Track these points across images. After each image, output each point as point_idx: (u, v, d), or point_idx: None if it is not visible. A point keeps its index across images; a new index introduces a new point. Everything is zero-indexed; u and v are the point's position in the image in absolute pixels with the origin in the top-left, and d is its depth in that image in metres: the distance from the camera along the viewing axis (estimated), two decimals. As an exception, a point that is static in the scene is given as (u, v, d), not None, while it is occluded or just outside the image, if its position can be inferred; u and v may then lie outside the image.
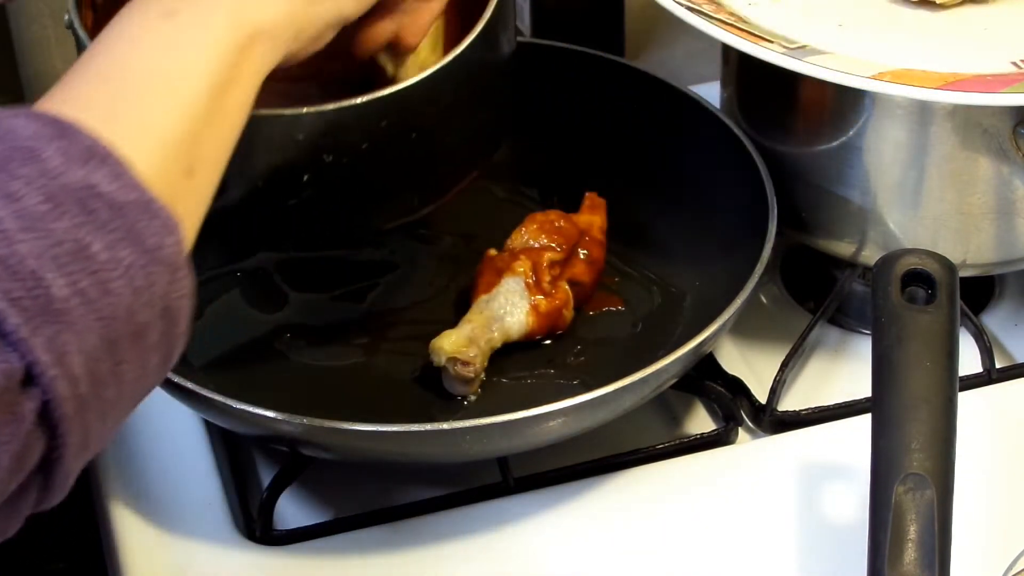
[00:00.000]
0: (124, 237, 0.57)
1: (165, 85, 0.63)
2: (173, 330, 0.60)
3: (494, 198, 1.06)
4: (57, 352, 0.54)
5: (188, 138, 0.62)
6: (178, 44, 0.64)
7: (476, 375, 0.88)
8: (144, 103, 0.62)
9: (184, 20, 0.65)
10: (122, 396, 0.58)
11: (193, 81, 0.63)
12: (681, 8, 0.89)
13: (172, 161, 0.61)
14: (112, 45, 0.64)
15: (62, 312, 0.54)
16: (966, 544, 0.74)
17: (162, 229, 0.58)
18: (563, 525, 0.85)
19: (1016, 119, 0.86)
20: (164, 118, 0.62)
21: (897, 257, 0.77)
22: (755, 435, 0.92)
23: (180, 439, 0.91)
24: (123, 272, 0.56)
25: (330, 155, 0.77)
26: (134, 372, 0.58)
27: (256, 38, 0.67)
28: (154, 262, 0.57)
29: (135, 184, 0.58)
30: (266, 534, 0.84)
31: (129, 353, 0.57)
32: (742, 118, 0.98)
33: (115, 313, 0.56)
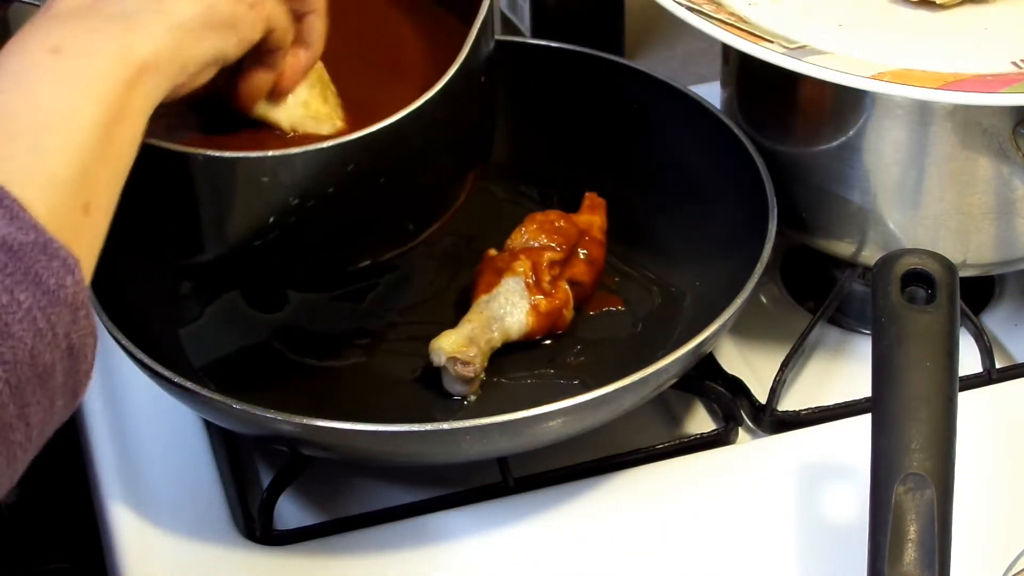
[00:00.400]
0: (23, 280, 0.56)
1: (55, 123, 0.62)
2: (78, 368, 0.59)
3: (494, 198, 1.06)
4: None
5: (81, 176, 0.62)
6: (65, 80, 0.63)
7: (476, 375, 0.88)
8: (35, 143, 0.61)
9: (70, 56, 0.64)
10: (29, 439, 0.57)
11: (83, 118, 0.63)
12: (681, 8, 0.89)
13: (67, 200, 0.61)
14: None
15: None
16: (966, 544, 0.74)
17: (61, 269, 0.58)
18: (563, 525, 0.85)
19: (1016, 119, 0.86)
20: (56, 157, 0.61)
21: (897, 257, 0.77)
22: (755, 435, 0.92)
23: (180, 439, 0.91)
24: (23, 315, 0.56)
25: (296, 198, 0.77)
26: (39, 414, 0.57)
27: (143, 72, 0.66)
28: (55, 303, 0.57)
29: (32, 225, 0.57)
30: (266, 534, 0.84)
31: (34, 396, 0.57)
32: (742, 118, 0.98)
33: (17, 357, 0.55)
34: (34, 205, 0.59)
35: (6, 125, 0.61)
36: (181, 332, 0.93)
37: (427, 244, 1.00)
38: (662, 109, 1.02)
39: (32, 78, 0.63)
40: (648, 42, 1.28)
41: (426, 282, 0.98)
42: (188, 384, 0.81)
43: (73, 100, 0.63)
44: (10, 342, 0.55)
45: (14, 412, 0.56)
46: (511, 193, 1.06)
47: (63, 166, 0.61)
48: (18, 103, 0.62)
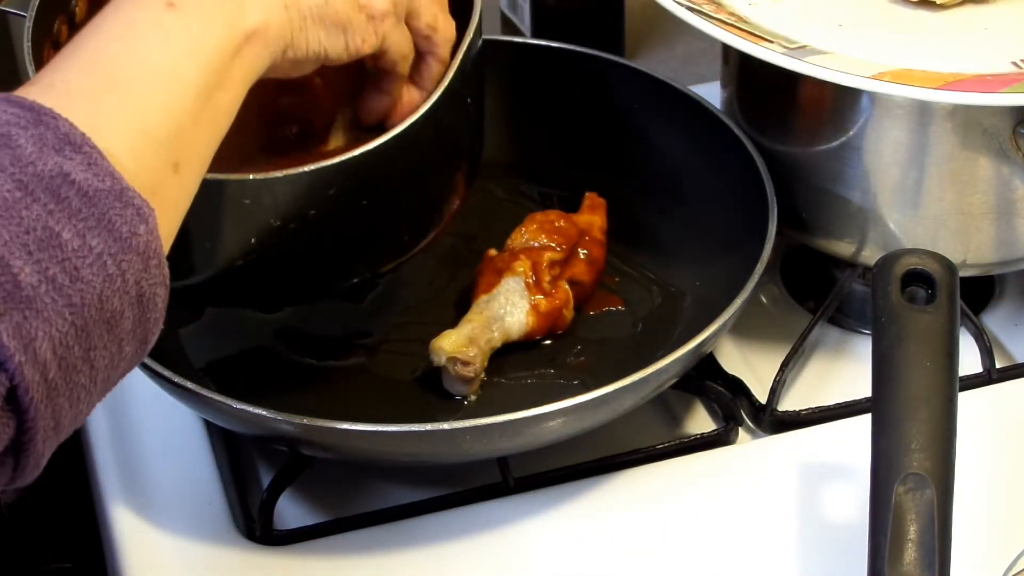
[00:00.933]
0: (95, 225, 0.57)
1: (157, 79, 0.63)
2: (147, 317, 0.60)
3: (494, 198, 1.06)
4: (25, 338, 0.54)
5: (174, 134, 0.62)
6: (176, 37, 0.64)
7: (476, 375, 0.88)
8: (133, 95, 0.62)
9: (184, 13, 0.65)
10: (95, 381, 0.58)
11: (186, 78, 0.63)
12: (681, 8, 0.89)
13: (156, 155, 0.62)
14: (109, 28, 0.64)
15: (30, 299, 0.54)
16: (966, 544, 0.74)
17: (135, 217, 0.58)
18: (563, 525, 0.85)
19: (1016, 119, 0.86)
20: (152, 112, 0.62)
21: (897, 257, 0.77)
22: (755, 435, 0.92)
23: (180, 439, 0.91)
24: (94, 260, 0.57)
25: (278, 220, 0.77)
26: (106, 358, 0.58)
27: (249, 41, 0.67)
28: (126, 250, 0.58)
29: (109, 172, 0.58)
30: (266, 534, 0.84)
31: (101, 340, 0.57)
32: (742, 118, 0.98)
33: (85, 300, 0.56)
34: (120, 156, 0.59)
35: (109, 73, 0.62)
36: (181, 332, 0.93)
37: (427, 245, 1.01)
38: (662, 109, 1.02)
39: (143, 29, 0.64)
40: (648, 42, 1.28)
41: (426, 282, 0.98)
42: (188, 384, 0.81)
43: (179, 59, 0.64)
44: (79, 285, 0.56)
45: (79, 354, 0.56)
46: (511, 193, 1.06)
47: (157, 124, 0.62)
48: (125, 54, 0.63)
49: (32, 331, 0.54)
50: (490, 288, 0.92)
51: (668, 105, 1.02)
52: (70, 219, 0.56)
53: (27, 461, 0.57)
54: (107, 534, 0.87)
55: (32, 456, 0.57)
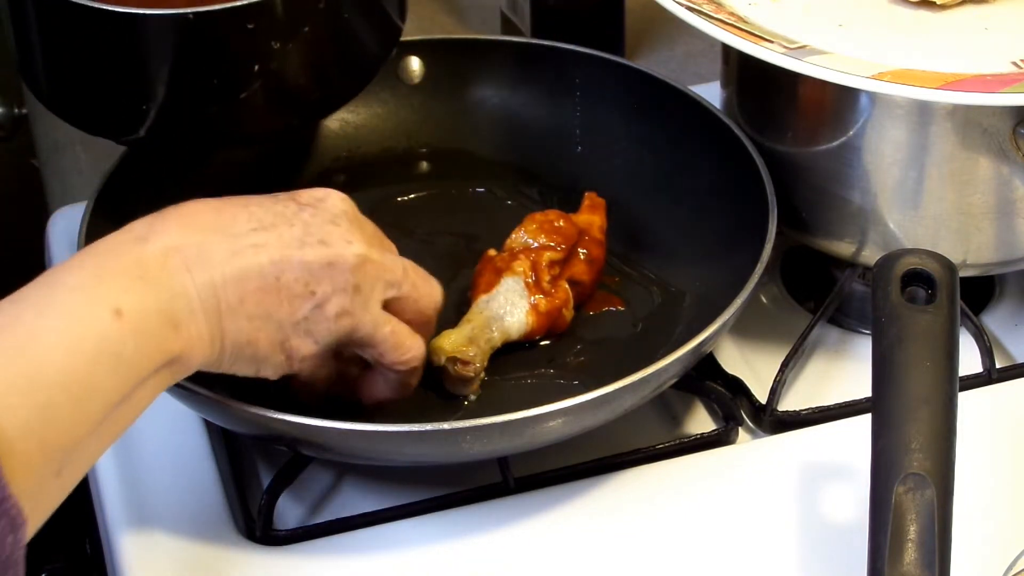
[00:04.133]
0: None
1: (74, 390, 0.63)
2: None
3: (494, 198, 1.06)
4: None
5: (71, 446, 0.63)
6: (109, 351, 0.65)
7: (476, 375, 0.88)
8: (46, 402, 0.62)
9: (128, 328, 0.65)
10: None
11: (102, 391, 0.64)
12: (681, 8, 0.89)
13: (46, 462, 0.62)
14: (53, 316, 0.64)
15: None
16: (966, 544, 0.74)
17: (8, 527, 0.59)
18: (563, 525, 0.85)
19: (1016, 119, 0.86)
20: (58, 422, 0.62)
21: (897, 257, 0.77)
22: (755, 435, 0.92)
23: (180, 439, 0.91)
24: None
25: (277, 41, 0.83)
26: None
27: (172, 365, 0.69)
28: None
29: None
30: (266, 534, 0.84)
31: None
32: (742, 118, 0.98)
33: None
34: (12, 457, 0.59)
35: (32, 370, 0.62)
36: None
37: (427, 244, 1.01)
38: (662, 109, 1.02)
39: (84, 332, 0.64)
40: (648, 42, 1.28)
41: (426, 282, 0.98)
42: (188, 384, 0.81)
43: (104, 372, 0.64)
44: None
45: None
46: (511, 193, 1.06)
47: (60, 433, 0.63)
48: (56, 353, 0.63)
49: None
50: (490, 288, 0.92)
51: (668, 105, 1.02)
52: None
53: None
54: (107, 534, 0.87)
55: None
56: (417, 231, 1.02)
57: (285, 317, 0.75)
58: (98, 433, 0.65)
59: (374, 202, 1.04)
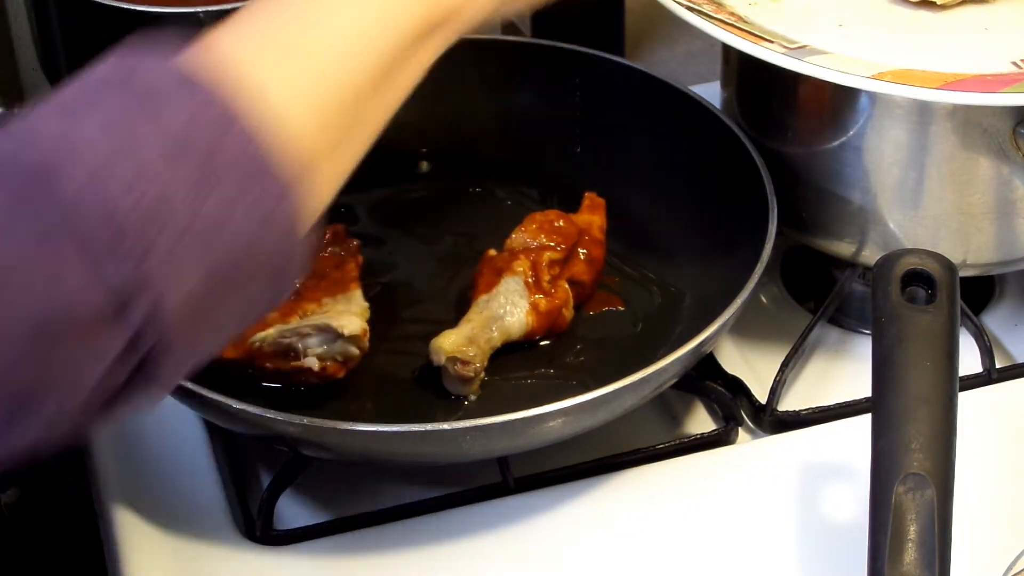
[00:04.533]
0: (242, 196, 0.57)
1: (343, 48, 0.62)
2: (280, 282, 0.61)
3: (494, 198, 1.06)
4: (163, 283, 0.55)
5: (351, 106, 0.62)
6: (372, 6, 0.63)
7: (476, 374, 0.88)
8: (315, 62, 0.61)
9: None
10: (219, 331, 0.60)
11: (376, 52, 0.62)
12: (681, 8, 0.89)
13: (325, 125, 0.61)
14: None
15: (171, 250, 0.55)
16: (966, 544, 0.74)
17: (283, 188, 0.58)
18: (563, 525, 0.85)
19: (1016, 119, 0.86)
20: (334, 83, 0.61)
21: (897, 257, 0.77)
22: (755, 435, 0.92)
23: (180, 439, 0.91)
24: (235, 229, 0.57)
25: None
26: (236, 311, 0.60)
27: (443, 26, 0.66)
28: (266, 224, 0.58)
29: (267, 144, 0.58)
30: (266, 534, 0.84)
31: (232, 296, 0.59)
32: (742, 118, 0.98)
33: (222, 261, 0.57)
34: (290, 121, 0.59)
35: (303, 34, 0.61)
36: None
37: (427, 244, 1.01)
38: (662, 109, 1.02)
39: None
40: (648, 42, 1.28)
41: (426, 282, 0.98)
42: (188, 384, 0.81)
43: (375, 31, 0.63)
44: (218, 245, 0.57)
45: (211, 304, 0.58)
46: (511, 193, 1.06)
47: (336, 92, 0.61)
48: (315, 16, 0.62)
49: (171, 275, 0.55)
50: (490, 288, 0.92)
51: (668, 105, 1.02)
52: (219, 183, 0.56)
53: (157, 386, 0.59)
54: (107, 534, 0.87)
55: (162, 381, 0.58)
56: (417, 231, 1.02)
57: None
58: (375, 99, 0.63)
59: (374, 202, 1.05)
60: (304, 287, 0.90)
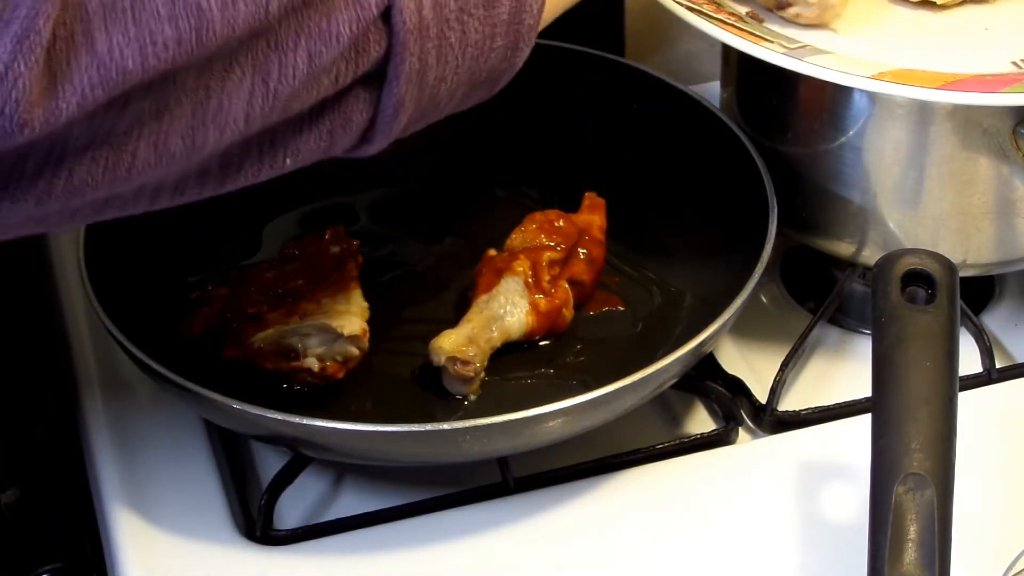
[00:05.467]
0: None
1: None
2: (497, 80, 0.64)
3: (494, 198, 1.06)
4: None
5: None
6: None
7: (476, 374, 0.88)
8: None
9: None
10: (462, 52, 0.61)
11: None
12: (681, 8, 0.89)
13: None
14: None
15: None
16: (966, 544, 0.74)
17: None
18: (563, 525, 0.85)
19: (1016, 119, 0.86)
20: None
21: (897, 257, 0.77)
22: (755, 435, 0.92)
23: (180, 439, 0.91)
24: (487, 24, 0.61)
25: None
26: (477, 34, 0.61)
27: None
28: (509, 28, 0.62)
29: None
30: (266, 534, 0.84)
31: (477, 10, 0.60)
32: (742, 118, 0.98)
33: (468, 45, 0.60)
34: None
35: None
36: (181, 331, 0.93)
37: (427, 243, 1.01)
38: (662, 109, 1.02)
39: None
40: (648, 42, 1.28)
41: (426, 282, 0.98)
42: (188, 384, 0.81)
43: None
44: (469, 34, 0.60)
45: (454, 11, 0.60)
46: (511, 193, 1.06)
47: None
48: None
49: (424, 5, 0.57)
50: (490, 288, 0.92)
51: (668, 105, 1.02)
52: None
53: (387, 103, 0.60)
54: (107, 534, 0.87)
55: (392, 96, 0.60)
56: (417, 231, 1.02)
57: None
58: None
59: (374, 202, 1.05)
60: (304, 287, 0.90)
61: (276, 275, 0.91)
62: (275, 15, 0.55)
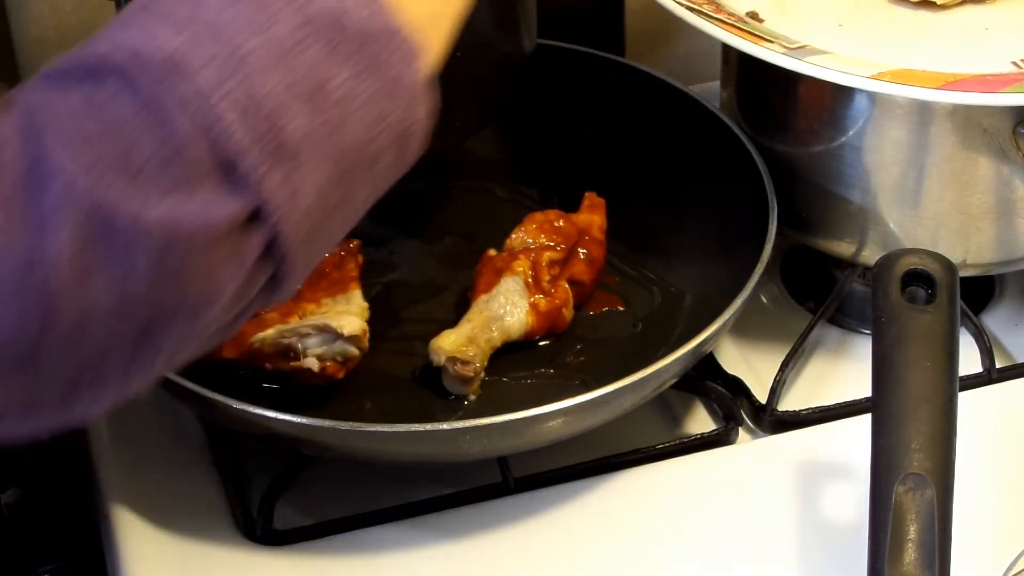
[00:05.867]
0: (367, 68, 0.56)
1: None
2: (407, 150, 0.60)
3: (494, 198, 1.06)
4: (290, 191, 0.54)
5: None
6: None
7: (476, 374, 0.88)
8: None
9: None
10: (347, 220, 0.59)
11: None
12: (681, 8, 0.89)
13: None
14: None
15: (297, 152, 0.54)
16: (966, 544, 0.74)
17: (406, 58, 0.57)
18: (563, 525, 0.85)
19: (1016, 119, 0.86)
20: None
21: (897, 257, 0.77)
22: (755, 435, 0.92)
23: (180, 439, 0.91)
24: (363, 104, 0.56)
25: None
26: (363, 197, 0.59)
27: None
28: (395, 92, 0.57)
29: (386, 10, 0.57)
30: (266, 534, 0.84)
31: (360, 180, 0.58)
32: (742, 118, 0.98)
33: (349, 146, 0.56)
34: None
35: None
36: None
37: (427, 243, 1.01)
38: (662, 109, 1.02)
39: None
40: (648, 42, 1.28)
41: (426, 282, 0.98)
42: (188, 384, 0.81)
43: None
44: (344, 132, 0.56)
45: (338, 199, 0.57)
46: (511, 193, 1.06)
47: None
48: None
49: (297, 183, 0.54)
50: (490, 288, 0.92)
51: (668, 105, 1.02)
52: (344, 62, 0.56)
53: (280, 292, 0.58)
54: (107, 534, 0.87)
55: (285, 288, 0.58)
56: (417, 231, 1.02)
57: None
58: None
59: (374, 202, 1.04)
60: (304, 287, 0.90)
61: None
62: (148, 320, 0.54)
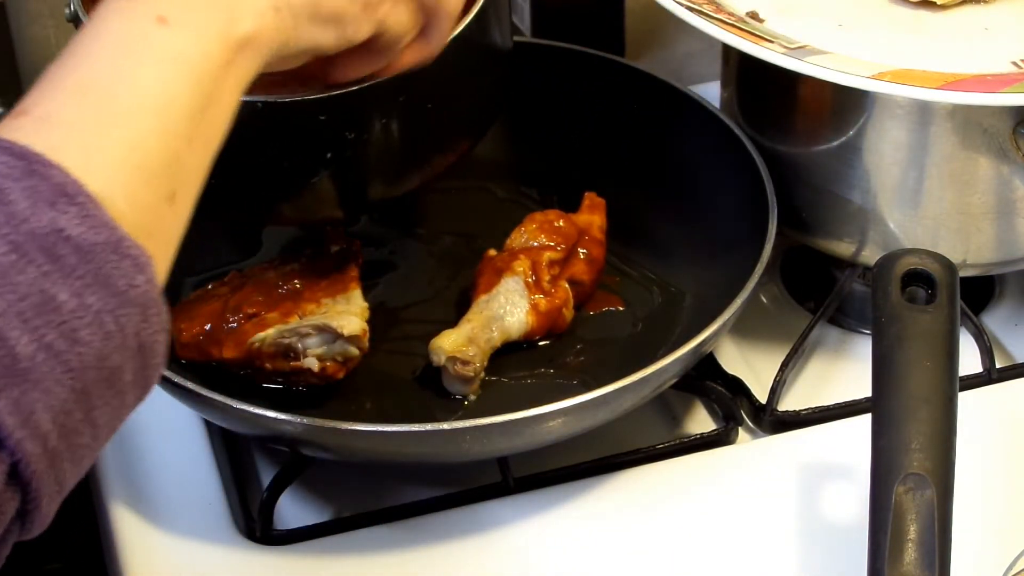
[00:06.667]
0: (92, 282, 0.54)
1: (150, 105, 0.60)
2: (148, 364, 0.58)
3: (494, 198, 1.06)
4: (24, 413, 0.52)
5: (169, 163, 0.60)
6: (168, 57, 0.61)
7: (476, 374, 0.88)
8: (126, 125, 0.59)
9: (176, 28, 0.61)
10: (96, 437, 0.56)
11: (180, 100, 0.61)
12: (681, 8, 0.89)
13: (152, 190, 0.59)
14: (99, 47, 0.61)
15: (28, 371, 0.52)
16: (966, 544, 0.74)
17: (133, 268, 0.56)
18: (563, 525, 0.85)
19: (1016, 119, 0.86)
20: (146, 143, 0.59)
21: (897, 257, 0.77)
22: (755, 435, 0.92)
23: (180, 439, 0.91)
24: (92, 319, 0.54)
25: (352, 132, 0.80)
26: (108, 413, 0.56)
27: (243, 50, 0.64)
28: (125, 304, 0.55)
29: (105, 223, 0.56)
30: (266, 534, 0.84)
31: (102, 398, 0.55)
32: (742, 118, 0.98)
33: (84, 363, 0.54)
34: (116, 199, 0.57)
35: (100, 101, 0.59)
36: (181, 332, 0.93)
37: (427, 243, 1.01)
38: (662, 109, 1.02)
39: (134, 48, 0.61)
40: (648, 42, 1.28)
41: (426, 282, 0.98)
42: (188, 384, 0.81)
43: (172, 80, 0.61)
44: (77, 348, 0.54)
45: (80, 417, 0.55)
46: (511, 193, 1.06)
47: (151, 155, 0.59)
48: (116, 77, 0.60)
49: (31, 404, 0.52)
50: (490, 288, 0.92)
51: (668, 105, 1.02)
52: (66, 279, 0.54)
53: (33, 523, 0.56)
54: (107, 534, 0.87)
55: (38, 519, 0.56)
56: (417, 231, 1.02)
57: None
58: (195, 143, 0.61)
59: (374, 202, 1.04)
60: (304, 287, 0.90)
61: (276, 275, 0.91)
62: None
